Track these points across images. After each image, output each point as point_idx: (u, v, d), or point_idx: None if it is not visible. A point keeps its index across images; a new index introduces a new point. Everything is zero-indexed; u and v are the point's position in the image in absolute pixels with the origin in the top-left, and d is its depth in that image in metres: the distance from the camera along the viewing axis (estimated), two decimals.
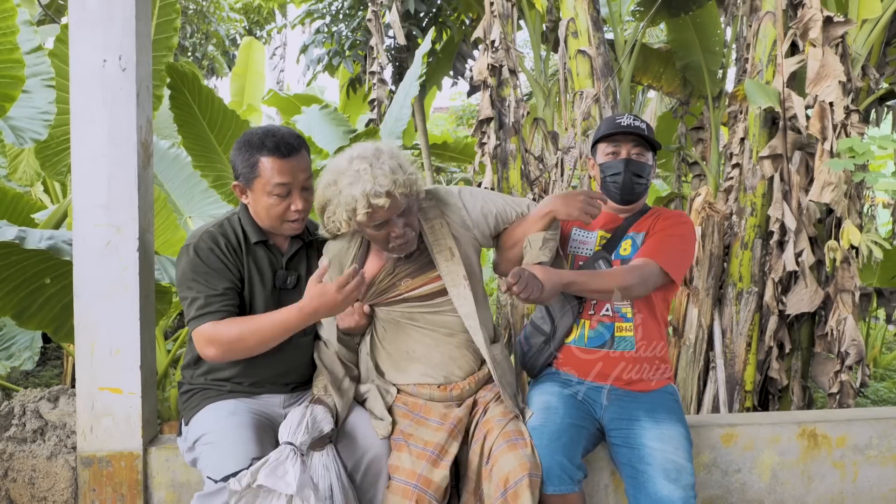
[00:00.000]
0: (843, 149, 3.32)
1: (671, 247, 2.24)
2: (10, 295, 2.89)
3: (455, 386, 2.15)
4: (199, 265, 2.04)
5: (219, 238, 2.09)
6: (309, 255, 2.23)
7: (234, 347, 1.98)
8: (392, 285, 2.11)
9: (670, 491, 2.04)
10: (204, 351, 1.99)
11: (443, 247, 2.09)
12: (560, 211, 2.09)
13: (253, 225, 2.14)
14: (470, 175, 10.64)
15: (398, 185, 1.91)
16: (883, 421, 2.58)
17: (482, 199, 2.19)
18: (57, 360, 5.61)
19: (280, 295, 2.15)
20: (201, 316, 1.99)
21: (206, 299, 2.00)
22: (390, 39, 7.39)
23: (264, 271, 2.13)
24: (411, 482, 1.95)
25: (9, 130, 3.87)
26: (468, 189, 2.22)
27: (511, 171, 5.16)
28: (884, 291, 4.20)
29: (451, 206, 2.15)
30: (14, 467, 2.31)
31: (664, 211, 2.39)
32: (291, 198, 2.06)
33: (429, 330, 2.14)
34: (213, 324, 1.98)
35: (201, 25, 12.30)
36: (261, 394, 2.16)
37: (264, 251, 2.15)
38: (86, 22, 2.20)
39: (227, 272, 2.06)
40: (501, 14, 5.04)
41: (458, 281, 2.07)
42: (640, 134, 2.31)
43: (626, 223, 2.35)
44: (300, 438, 1.91)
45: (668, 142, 6.76)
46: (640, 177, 2.33)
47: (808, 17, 3.54)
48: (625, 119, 2.34)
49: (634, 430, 2.18)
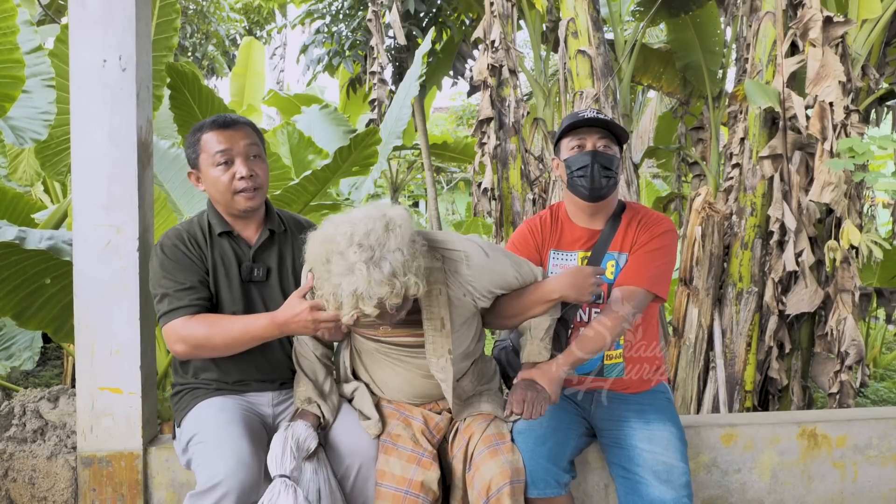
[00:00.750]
0: (843, 149, 3.32)
1: (653, 266, 2.16)
2: (10, 295, 2.90)
3: (434, 405, 2.13)
4: (165, 261, 2.05)
5: (183, 234, 2.11)
6: (281, 246, 2.18)
7: (202, 345, 1.98)
8: (371, 325, 1.97)
9: (662, 492, 2.02)
10: (173, 347, 2.00)
11: (435, 316, 1.93)
12: (570, 296, 2.00)
13: (217, 216, 2.14)
14: (470, 175, 10.64)
15: (393, 294, 1.67)
16: (883, 421, 2.58)
17: (492, 270, 1.99)
18: (57, 360, 5.62)
19: (249, 288, 2.12)
20: (171, 311, 1.99)
21: (175, 294, 2.00)
22: (390, 39, 7.39)
23: (229, 264, 2.11)
24: (402, 488, 1.92)
25: (9, 130, 3.87)
26: (480, 256, 1.96)
27: (511, 171, 5.16)
28: (884, 291, 4.20)
29: (459, 276, 1.94)
30: (14, 467, 2.31)
31: (641, 212, 2.27)
32: (235, 165, 2.06)
33: (403, 368, 2.06)
34: (183, 320, 1.97)
35: (201, 25, 12.31)
36: (248, 392, 2.15)
37: (229, 243, 2.13)
38: (86, 22, 2.20)
39: (193, 266, 2.06)
40: (501, 14, 5.04)
41: (442, 353, 1.94)
42: (605, 125, 2.18)
43: (605, 236, 2.23)
44: (289, 467, 1.88)
45: (668, 142, 6.76)
46: (609, 169, 2.16)
47: (808, 17, 3.54)
48: (588, 112, 2.20)
49: (624, 430, 2.16)
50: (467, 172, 13.08)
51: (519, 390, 1.99)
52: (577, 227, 2.28)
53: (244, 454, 1.88)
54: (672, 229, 2.24)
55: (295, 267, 2.17)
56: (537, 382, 2.02)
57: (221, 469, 1.84)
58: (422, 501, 1.92)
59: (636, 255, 2.18)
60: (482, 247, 1.98)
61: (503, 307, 2.08)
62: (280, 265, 2.17)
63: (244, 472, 1.85)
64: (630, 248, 2.21)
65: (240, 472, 1.84)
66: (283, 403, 2.18)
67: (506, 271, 2.01)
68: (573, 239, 2.27)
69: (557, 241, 2.29)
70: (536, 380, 2.03)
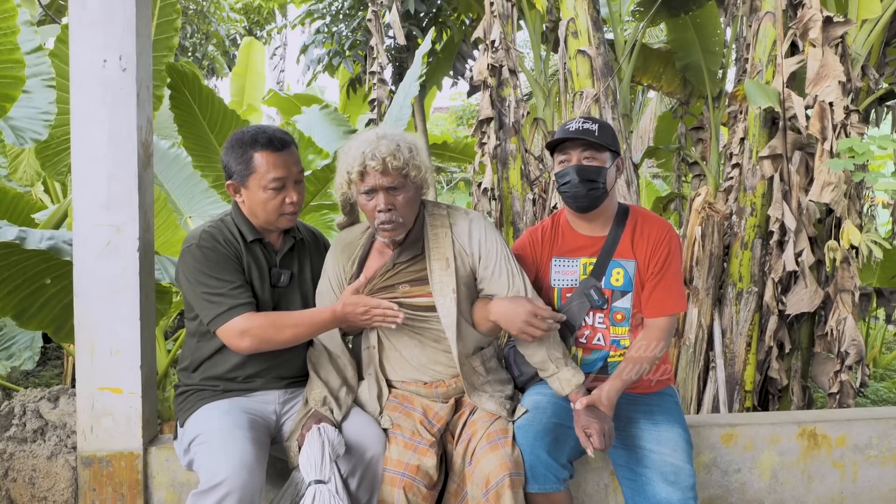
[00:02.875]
0: (843, 149, 3.32)
1: (673, 288, 2.21)
2: (10, 295, 2.90)
3: (440, 384, 2.18)
4: (209, 260, 2.06)
5: (218, 236, 2.12)
6: (300, 254, 2.28)
7: (269, 339, 2.02)
8: (391, 286, 2.12)
9: (668, 493, 2.03)
10: (237, 343, 2.02)
11: (441, 255, 2.10)
12: (501, 324, 2.10)
13: (247, 223, 2.17)
14: (470, 175, 10.64)
15: (395, 159, 1.99)
16: (883, 421, 2.58)
17: (485, 241, 2.14)
18: (57, 360, 5.62)
19: (274, 293, 2.18)
20: (233, 308, 2.02)
21: (231, 292, 2.03)
22: (390, 39, 7.38)
23: (262, 268, 2.17)
24: (399, 471, 1.99)
25: (9, 130, 3.87)
26: (481, 221, 2.19)
27: (511, 171, 5.16)
28: (884, 291, 4.20)
29: (458, 226, 2.15)
30: (14, 467, 2.31)
31: (642, 217, 2.27)
32: (286, 191, 2.12)
33: (415, 334, 2.15)
34: (246, 317, 2.02)
35: (201, 25, 12.30)
36: (255, 391, 2.17)
37: (260, 249, 2.18)
38: (86, 22, 2.20)
39: (238, 267, 2.10)
40: (501, 14, 5.04)
41: (447, 292, 2.07)
42: (588, 138, 2.18)
43: (609, 244, 2.24)
44: (328, 473, 1.90)
45: (668, 142, 6.76)
46: (594, 181, 2.17)
47: (808, 17, 3.54)
48: (574, 124, 2.21)
49: (631, 431, 2.17)
50: (467, 172, 13.08)
51: (588, 422, 2.00)
52: (578, 235, 2.29)
53: (248, 456, 1.89)
54: (674, 233, 2.26)
55: (312, 273, 2.26)
56: (599, 409, 2.06)
57: (224, 469, 1.84)
58: (416, 483, 1.98)
59: (653, 280, 2.20)
60: (484, 220, 2.19)
61: (474, 310, 2.17)
62: (300, 271, 2.25)
63: (247, 474, 1.85)
64: (638, 257, 2.22)
65: (243, 474, 1.85)
66: (289, 402, 2.19)
67: (492, 252, 2.13)
68: (576, 246, 2.28)
69: (559, 248, 2.30)
70: (597, 405, 2.06)
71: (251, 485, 1.86)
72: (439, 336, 2.12)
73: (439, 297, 2.07)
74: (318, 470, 1.89)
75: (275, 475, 2.25)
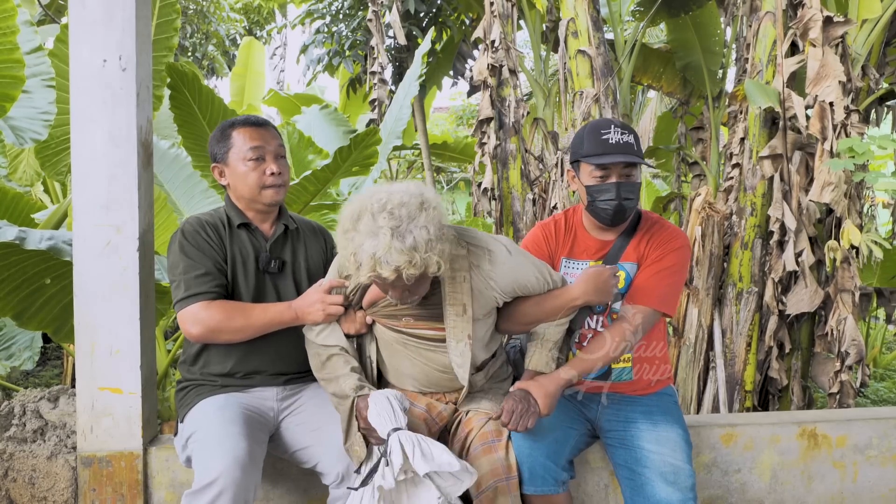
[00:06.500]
0: (843, 149, 3.32)
1: (664, 284, 2.14)
2: (10, 295, 2.89)
3: (441, 396, 2.15)
4: (186, 246, 2.10)
5: (203, 222, 2.17)
6: (294, 242, 2.28)
7: (218, 329, 2.04)
8: (394, 315, 2.03)
9: (668, 493, 2.03)
10: (189, 330, 2.05)
11: (457, 301, 1.96)
12: (594, 300, 2.05)
13: (234, 209, 2.21)
14: (470, 175, 10.64)
15: (411, 266, 1.72)
16: (883, 421, 2.58)
17: (514, 270, 2.00)
18: (57, 360, 5.62)
19: (263, 279, 2.19)
20: (191, 296, 2.04)
21: (195, 279, 2.06)
22: (390, 39, 7.38)
23: (247, 254, 2.18)
24: None
25: (9, 130, 3.87)
26: (504, 254, 1.98)
27: (511, 171, 5.17)
28: (884, 291, 4.20)
29: (481, 270, 1.97)
30: (14, 467, 2.31)
31: (656, 224, 2.24)
32: (266, 163, 2.16)
33: (421, 361, 2.08)
34: (201, 305, 2.03)
35: (201, 25, 12.30)
36: (254, 387, 2.17)
37: (247, 234, 2.20)
38: (86, 22, 2.20)
39: (212, 252, 2.12)
40: (501, 14, 5.05)
41: (462, 337, 1.97)
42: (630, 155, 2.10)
43: (617, 248, 2.22)
44: (402, 421, 1.89)
45: (668, 142, 6.75)
46: (631, 196, 2.14)
47: (808, 17, 3.54)
48: (612, 135, 2.09)
49: (631, 431, 2.17)
50: (467, 172, 13.07)
51: (511, 400, 1.99)
52: (590, 238, 2.26)
53: (241, 453, 1.88)
54: (686, 245, 2.22)
55: (308, 263, 2.26)
56: (532, 394, 2.02)
57: (217, 467, 1.84)
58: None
59: (648, 270, 2.16)
60: (506, 246, 2.01)
61: (521, 312, 2.08)
62: (294, 260, 2.25)
63: (240, 471, 1.85)
64: (641, 259, 2.19)
65: (235, 471, 1.84)
66: (288, 399, 2.19)
67: (528, 273, 2.02)
68: (584, 248, 2.26)
69: (570, 249, 2.27)
70: (532, 392, 2.02)
71: (244, 482, 1.85)
72: (445, 364, 2.04)
73: (453, 340, 1.98)
74: (393, 419, 1.88)
75: (274, 474, 2.25)
